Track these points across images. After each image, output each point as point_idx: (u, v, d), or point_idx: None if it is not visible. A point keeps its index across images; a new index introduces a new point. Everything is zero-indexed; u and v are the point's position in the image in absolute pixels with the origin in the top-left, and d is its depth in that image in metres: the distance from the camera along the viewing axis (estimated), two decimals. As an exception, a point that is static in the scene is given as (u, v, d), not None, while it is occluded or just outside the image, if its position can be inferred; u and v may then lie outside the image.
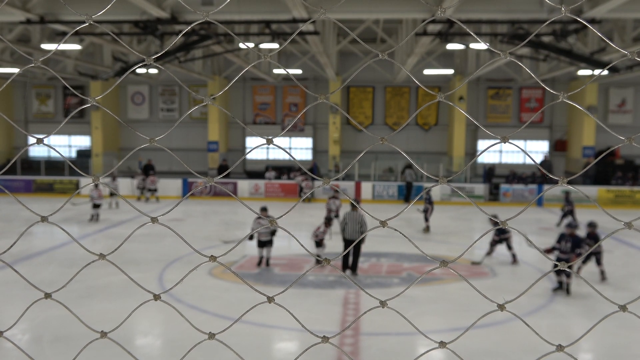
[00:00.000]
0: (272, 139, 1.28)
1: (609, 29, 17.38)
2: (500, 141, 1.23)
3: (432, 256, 1.31)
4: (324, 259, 1.30)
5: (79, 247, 1.21)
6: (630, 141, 1.18)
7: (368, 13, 13.16)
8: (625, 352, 7.00)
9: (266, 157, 26.86)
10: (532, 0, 12.31)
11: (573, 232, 9.07)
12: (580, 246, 8.92)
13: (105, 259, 1.31)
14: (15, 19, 12.89)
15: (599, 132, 23.56)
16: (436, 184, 1.29)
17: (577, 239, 9.05)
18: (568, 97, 1.22)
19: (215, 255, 1.30)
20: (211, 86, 24.41)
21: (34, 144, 1.28)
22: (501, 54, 1.24)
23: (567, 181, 1.22)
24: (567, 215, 15.97)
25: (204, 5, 12.06)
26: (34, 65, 1.33)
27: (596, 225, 10.37)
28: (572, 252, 8.95)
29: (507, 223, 1.24)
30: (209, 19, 1.25)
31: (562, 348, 1.21)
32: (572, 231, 9.06)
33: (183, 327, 7.12)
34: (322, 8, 1.22)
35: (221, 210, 18.94)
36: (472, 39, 15.60)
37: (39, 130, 27.30)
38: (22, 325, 7.35)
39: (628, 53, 1.19)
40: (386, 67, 24.75)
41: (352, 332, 7.35)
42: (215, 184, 1.35)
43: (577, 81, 23.73)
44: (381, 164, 23.76)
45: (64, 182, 22.49)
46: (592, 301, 8.71)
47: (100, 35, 15.59)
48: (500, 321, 7.49)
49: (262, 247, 10.83)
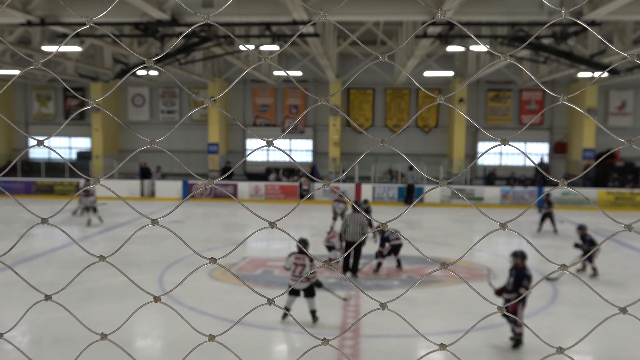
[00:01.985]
0: (272, 141, 1.28)
1: (609, 31, 17.39)
2: (501, 143, 1.23)
3: (432, 258, 1.31)
4: (324, 261, 1.30)
5: (79, 249, 1.21)
6: (630, 143, 1.18)
7: (368, 15, 13.17)
8: (625, 355, 7.00)
9: (266, 159, 26.87)
10: (532, 2, 12.32)
11: (519, 263, 7.33)
12: (521, 283, 7.11)
13: (106, 260, 1.31)
14: (15, 20, 12.91)
15: (599, 135, 23.56)
16: (436, 186, 1.29)
17: (520, 273, 7.23)
18: (568, 99, 1.22)
19: (215, 257, 1.30)
20: (211, 88, 24.43)
21: (34, 145, 1.28)
22: (501, 56, 1.24)
23: (567, 183, 1.22)
24: (546, 218, 15.15)
25: (204, 7, 12.07)
26: (35, 67, 1.33)
27: (585, 227, 10.54)
28: (514, 290, 7.13)
29: (508, 225, 1.24)
30: (209, 21, 1.25)
31: (562, 350, 1.21)
32: (518, 262, 7.33)
33: (183, 329, 7.11)
34: (322, 10, 1.22)
35: (221, 212, 18.93)
36: (472, 41, 15.61)
37: (40, 132, 27.31)
38: (22, 327, 7.35)
39: (628, 55, 1.19)
40: (386, 69, 24.76)
41: (352, 334, 7.35)
42: (216, 186, 1.35)
43: (577, 83, 23.73)
44: (381, 166, 23.76)
45: (64, 184, 22.50)
46: (593, 303, 8.70)
47: (100, 37, 15.60)
48: (500, 323, 7.48)
49: (294, 296, 7.81)
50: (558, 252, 12.75)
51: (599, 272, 10.49)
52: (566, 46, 15.21)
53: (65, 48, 16.96)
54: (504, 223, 1.24)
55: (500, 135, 19.77)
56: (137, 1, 10.93)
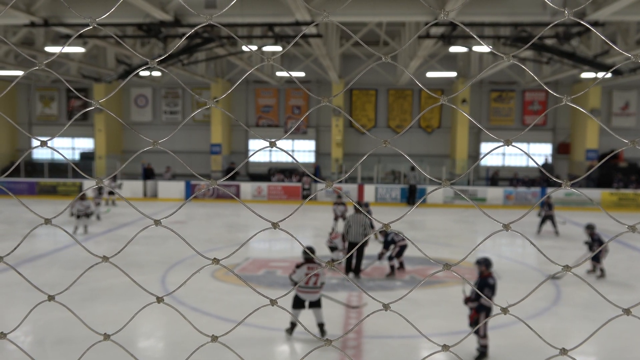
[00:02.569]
0: (275, 142, 1.28)
1: (613, 32, 17.35)
2: (504, 144, 1.22)
3: (435, 259, 1.31)
4: (327, 262, 1.30)
5: (82, 249, 1.21)
6: (634, 144, 1.18)
7: (371, 16, 13.17)
8: (629, 356, 6.98)
9: (269, 159, 26.88)
10: (535, 3, 12.30)
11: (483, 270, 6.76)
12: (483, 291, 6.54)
13: (109, 261, 1.31)
14: (19, 21, 12.94)
15: (603, 135, 23.52)
16: (439, 187, 1.29)
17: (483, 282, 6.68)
18: (571, 100, 1.22)
19: (218, 258, 1.30)
20: (214, 89, 24.46)
21: (37, 146, 1.28)
22: (504, 57, 1.24)
23: (571, 184, 1.22)
24: (546, 220, 14.92)
25: (207, 8, 12.09)
26: (38, 67, 1.33)
27: (594, 226, 10.54)
28: (476, 299, 6.57)
29: (511, 226, 1.23)
30: (212, 22, 1.25)
31: (566, 352, 1.20)
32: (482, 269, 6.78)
33: (186, 329, 7.12)
34: (325, 11, 1.22)
35: (224, 212, 18.95)
36: (475, 42, 15.59)
37: (43, 133, 27.37)
38: (25, 327, 7.36)
39: (632, 56, 1.18)
40: (389, 70, 24.75)
41: (354, 334, 7.34)
42: (218, 187, 1.35)
43: (581, 84, 23.69)
44: (384, 166, 23.75)
45: (67, 185, 22.55)
46: (596, 304, 8.68)
47: (103, 38, 15.63)
48: (503, 324, 7.47)
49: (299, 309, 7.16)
50: (561, 252, 12.73)
51: (606, 273, 10.46)
52: (569, 47, 15.18)
53: (68, 49, 16.99)
54: (507, 224, 1.23)
55: (503, 136, 19.70)
56: (140, 2, 10.95)
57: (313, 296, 7.08)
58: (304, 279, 6.62)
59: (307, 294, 7.10)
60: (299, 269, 7.18)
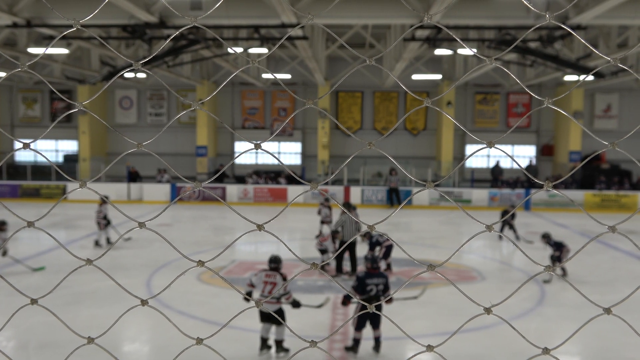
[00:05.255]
0: (260, 144, 1.28)
1: (595, 35, 17.59)
2: (487, 146, 1.24)
3: (420, 260, 1.32)
4: (312, 264, 1.30)
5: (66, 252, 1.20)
6: (614, 146, 1.20)
7: (356, 18, 13.22)
8: (615, 356, 7.06)
9: (255, 161, 26.82)
10: (519, 6, 12.43)
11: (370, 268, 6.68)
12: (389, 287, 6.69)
13: (93, 264, 1.30)
14: (1, 22, 12.79)
15: (585, 137, 23.82)
16: (423, 189, 1.30)
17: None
18: (553, 102, 1.23)
19: (203, 260, 1.30)
20: (200, 91, 24.35)
21: (20, 148, 1.27)
22: (487, 60, 1.26)
23: (553, 185, 1.23)
24: (505, 226, 14.18)
25: (192, 9, 12.04)
26: (21, 69, 1.32)
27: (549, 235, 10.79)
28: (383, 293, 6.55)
29: (494, 227, 1.25)
30: (197, 24, 1.25)
31: (548, 351, 1.22)
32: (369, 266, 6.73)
33: (171, 332, 7.07)
34: (310, 14, 1.23)
35: (210, 215, 18.86)
36: (459, 45, 15.71)
37: (26, 135, 27.05)
38: (7, 332, 7.26)
39: (611, 60, 1.21)
40: (375, 72, 24.84)
41: (340, 336, 7.35)
42: (204, 189, 1.35)
43: (564, 86, 23.97)
44: (370, 168, 23.82)
45: (50, 187, 22.29)
46: (581, 305, 8.77)
47: (87, 39, 15.50)
48: (488, 325, 7.53)
49: (265, 322, 6.76)
50: (545, 253, 12.84)
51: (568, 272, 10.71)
52: (552, 50, 15.36)
53: (51, 50, 16.82)
54: (489, 225, 1.25)
55: (488, 138, 19.84)
56: (125, 3, 10.87)
57: (270, 307, 6.57)
58: (260, 285, 6.64)
59: (266, 303, 6.59)
60: (259, 273, 6.84)
